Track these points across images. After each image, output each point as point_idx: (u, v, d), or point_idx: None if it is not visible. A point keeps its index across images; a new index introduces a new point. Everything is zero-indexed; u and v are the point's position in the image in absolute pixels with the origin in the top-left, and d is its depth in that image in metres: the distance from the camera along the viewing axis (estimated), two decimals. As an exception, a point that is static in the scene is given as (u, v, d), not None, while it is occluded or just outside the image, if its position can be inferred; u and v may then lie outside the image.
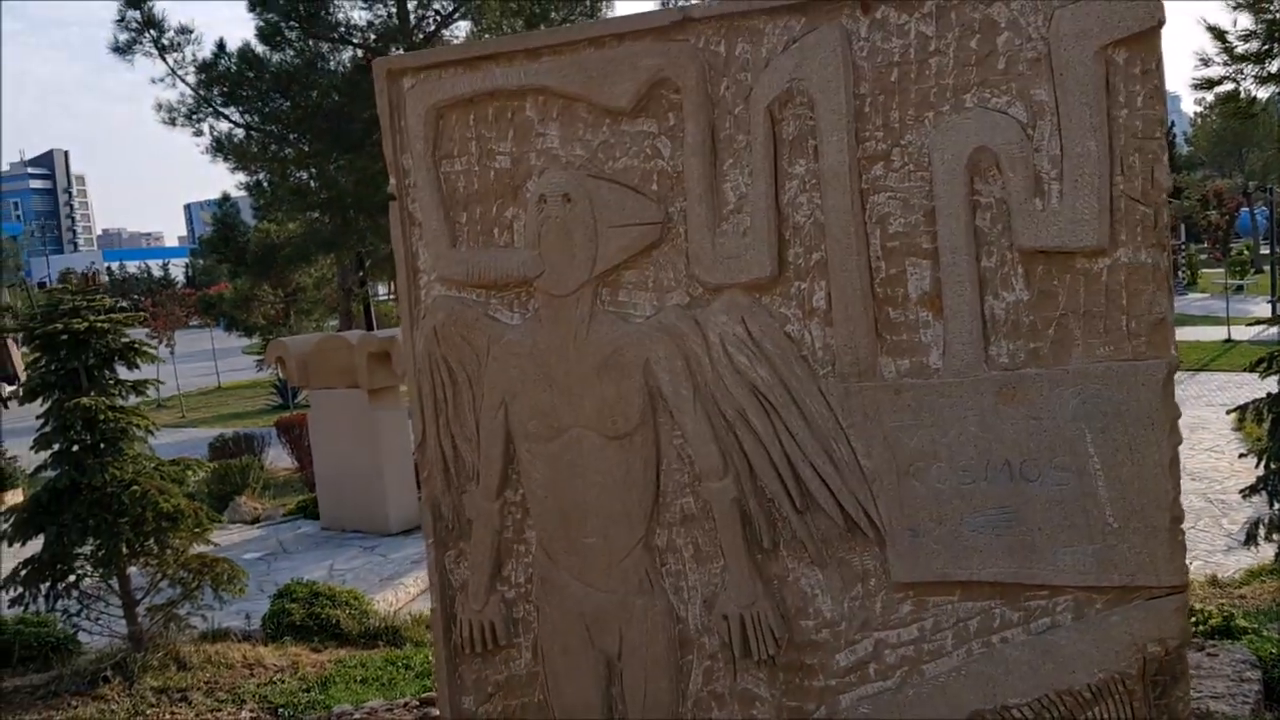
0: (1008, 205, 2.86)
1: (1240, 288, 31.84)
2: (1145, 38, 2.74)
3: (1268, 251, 35.04)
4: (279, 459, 15.90)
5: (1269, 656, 5.30)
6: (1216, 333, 23.96)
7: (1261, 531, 6.54)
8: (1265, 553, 7.28)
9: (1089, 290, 2.83)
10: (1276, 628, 6.25)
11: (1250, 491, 6.52)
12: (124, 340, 7.27)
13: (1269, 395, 6.36)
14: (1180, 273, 33.91)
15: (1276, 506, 6.25)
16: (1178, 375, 2.87)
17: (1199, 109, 47.21)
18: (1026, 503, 2.89)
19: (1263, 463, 6.35)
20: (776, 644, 3.17)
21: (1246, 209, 43.48)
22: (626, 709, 3.40)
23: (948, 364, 2.94)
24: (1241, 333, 22.68)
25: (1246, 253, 40.87)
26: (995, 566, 2.92)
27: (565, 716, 3.46)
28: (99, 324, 7.06)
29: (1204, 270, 40.11)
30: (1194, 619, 6.05)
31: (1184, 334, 23.47)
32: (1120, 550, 2.82)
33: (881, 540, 3.04)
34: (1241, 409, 6.73)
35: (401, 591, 9.11)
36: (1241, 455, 10.06)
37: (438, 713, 4.05)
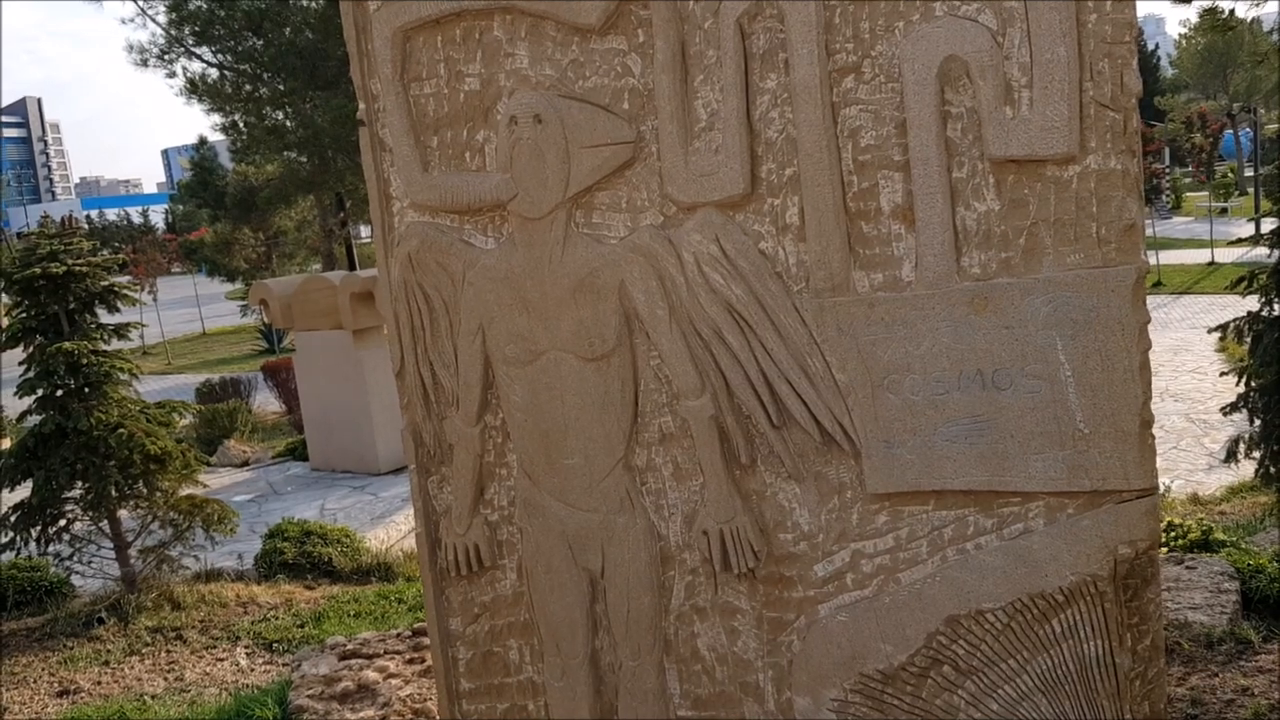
0: (978, 114, 2.84)
1: (1224, 210, 31.84)
2: (1115, -60, 2.71)
3: (1252, 174, 34.96)
4: (267, 403, 15.94)
5: (1246, 568, 5.40)
6: (1200, 255, 24.02)
7: (1241, 449, 6.62)
8: (1245, 470, 7.38)
9: (1059, 198, 2.82)
10: (1254, 541, 6.35)
11: (1231, 409, 6.59)
12: (104, 284, 7.24)
13: (1249, 314, 6.40)
14: (1165, 196, 33.85)
15: (1256, 423, 6.31)
16: (1162, 299, 2.89)
17: (1184, 31, 46.70)
18: (999, 411, 2.91)
19: (1243, 380, 6.40)
20: (756, 557, 3.21)
21: (1230, 131, 43.30)
22: (611, 625, 3.45)
23: (920, 276, 2.95)
24: (1225, 255, 22.73)
25: (1231, 175, 40.79)
26: (968, 475, 2.95)
27: (551, 634, 3.52)
28: (78, 268, 7.03)
29: (1188, 194, 40.06)
30: (1173, 534, 6.15)
31: (1168, 257, 23.53)
32: (1091, 455, 2.85)
33: (857, 453, 3.06)
34: (1222, 328, 6.77)
35: (393, 529, 9.21)
36: (1223, 374, 10.14)
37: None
